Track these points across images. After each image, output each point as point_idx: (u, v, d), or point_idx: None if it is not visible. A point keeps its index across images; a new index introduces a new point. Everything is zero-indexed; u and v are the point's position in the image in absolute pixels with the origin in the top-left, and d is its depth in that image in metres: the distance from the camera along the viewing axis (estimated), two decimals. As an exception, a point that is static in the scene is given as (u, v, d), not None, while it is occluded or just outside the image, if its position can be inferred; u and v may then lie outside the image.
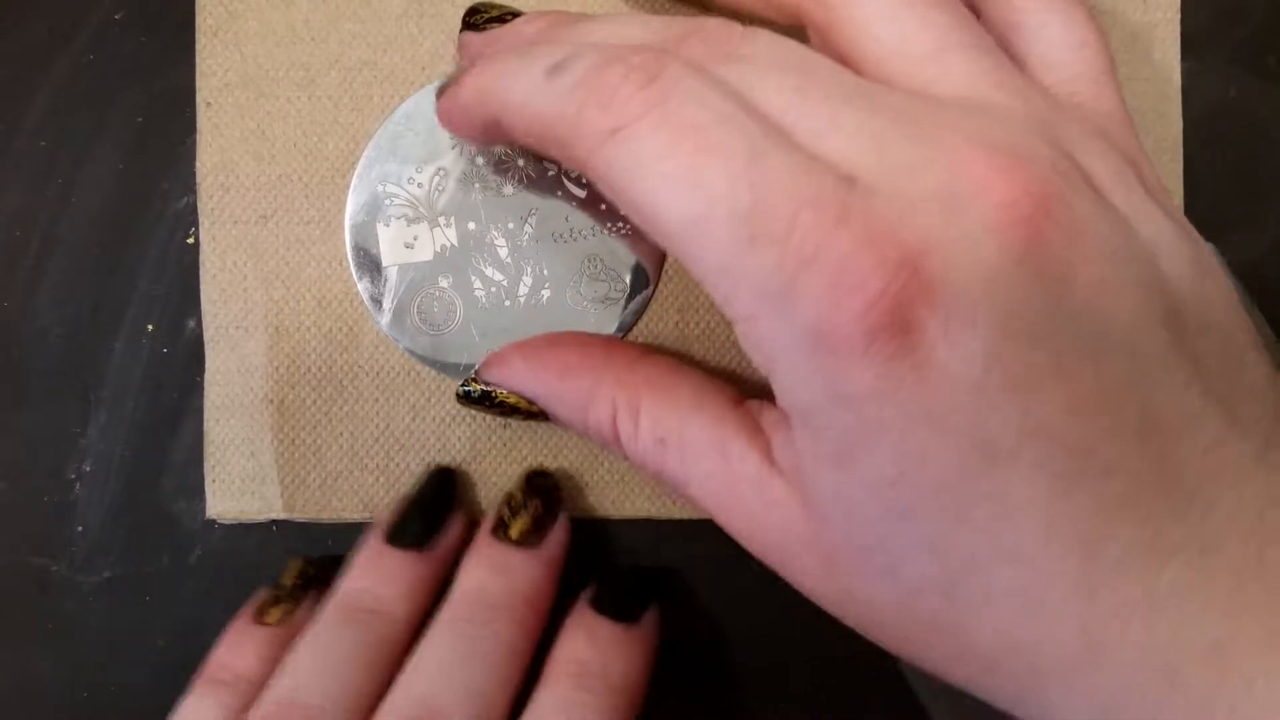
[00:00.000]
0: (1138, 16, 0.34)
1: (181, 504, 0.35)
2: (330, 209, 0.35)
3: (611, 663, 0.30)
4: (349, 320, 0.35)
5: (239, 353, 0.35)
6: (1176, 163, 0.34)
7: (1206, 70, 0.34)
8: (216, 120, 0.35)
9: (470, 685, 0.29)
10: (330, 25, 0.35)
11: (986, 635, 0.24)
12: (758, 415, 0.27)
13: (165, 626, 0.36)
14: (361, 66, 0.35)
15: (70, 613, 0.36)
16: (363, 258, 0.35)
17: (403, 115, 0.35)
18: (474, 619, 0.30)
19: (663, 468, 0.28)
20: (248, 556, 0.35)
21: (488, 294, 0.35)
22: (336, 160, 0.35)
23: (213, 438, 0.35)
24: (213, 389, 0.35)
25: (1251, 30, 0.34)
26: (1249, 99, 0.34)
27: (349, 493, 0.35)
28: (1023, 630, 0.23)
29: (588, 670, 0.30)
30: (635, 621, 0.32)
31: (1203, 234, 0.33)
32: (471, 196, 0.35)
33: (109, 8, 0.36)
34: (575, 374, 0.30)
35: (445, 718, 0.28)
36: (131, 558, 0.36)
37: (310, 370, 0.35)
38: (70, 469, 0.36)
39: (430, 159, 0.35)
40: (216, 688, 0.31)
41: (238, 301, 0.35)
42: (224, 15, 0.35)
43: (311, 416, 0.35)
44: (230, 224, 0.35)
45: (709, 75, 0.25)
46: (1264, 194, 0.34)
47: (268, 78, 0.35)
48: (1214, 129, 0.34)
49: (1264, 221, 0.34)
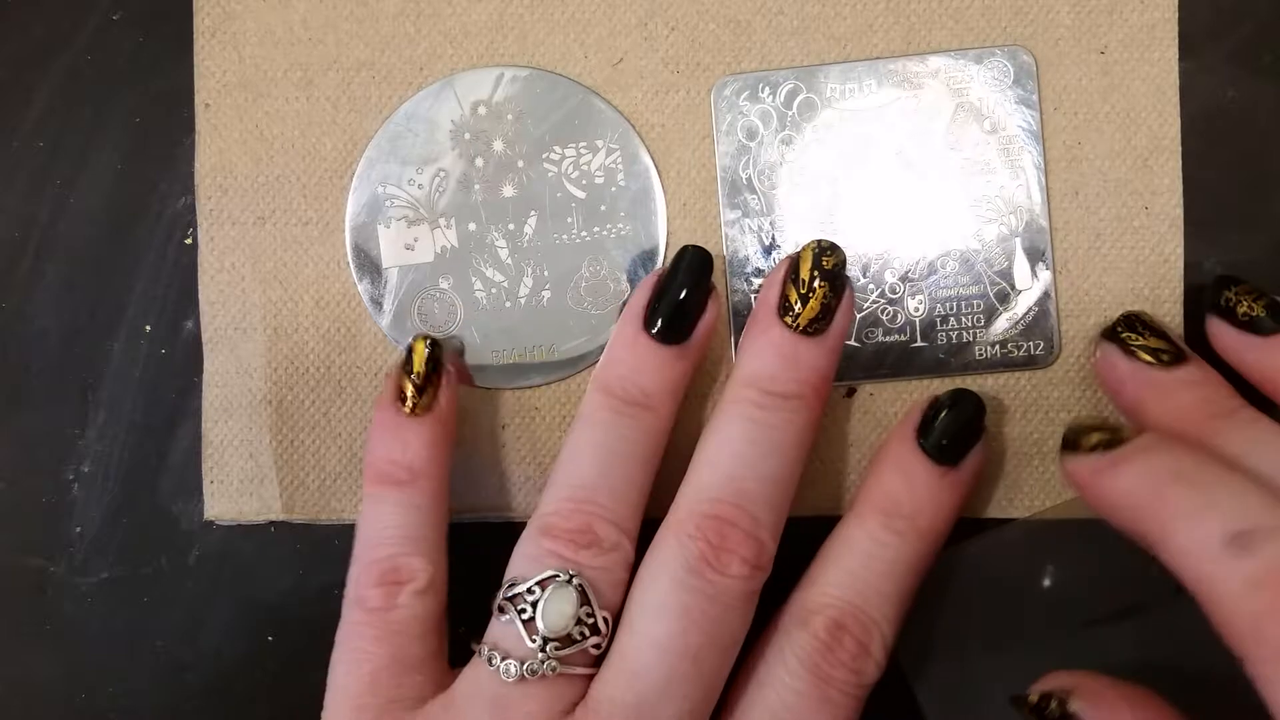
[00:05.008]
0: (1136, 16, 0.34)
1: (180, 505, 0.35)
2: (328, 210, 0.35)
3: (923, 508, 0.30)
4: (347, 321, 0.35)
5: (237, 354, 0.35)
6: (1175, 162, 0.34)
7: (1204, 70, 0.34)
8: (215, 121, 0.35)
9: (767, 473, 0.30)
10: (328, 26, 0.35)
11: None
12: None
13: (163, 627, 0.35)
14: (359, 67, 0.35)
15: (69, 614, 0.36)
16: (363, 259, 0.35)
17: (403, 116, 0.35)
18: (767, 406, 0.30)
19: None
20: (246, 558, 0.35)
21: (488, 295, 0.35)
22: (334, 161, 0.35)
23: (211, 439, 0.35)
24: (211, 390, 0.35)
25: (1249, 30, 0.34)
26: (1247, 98, 0.34)
27: (348, 494, 0.35)
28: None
29: (899, 511, 0.30)
30: (954, 466, 0.31)
31: (1201, 233, 0.34)
32: (472, 198, 0.35)
33: (108, 8, 0.36)
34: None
35: (753, 500, 0.29)
36: (130, 559, 0.36)
37: (309, 371, 0.35)
38: (68, 470, 0.36)
39: (430, 160, 0.35)
40: (399, 489, 0.31)
41: (236, 302, 0.35)
42: (222, 16, 0.35)
43: (310, 417, 0.35)
44: (229, 225, 0.35)
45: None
46: (1262, 193, 0.34)
47: (266, 79, 0.35)
48: (1212, 128, 0.34)
49: (1263, 221, 0.34)
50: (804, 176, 0.34)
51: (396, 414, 0.32)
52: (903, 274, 0.34)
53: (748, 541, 0.29)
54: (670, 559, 0.29)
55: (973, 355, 0.34)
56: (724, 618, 0.29)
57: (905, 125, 0.34)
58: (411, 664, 0.30)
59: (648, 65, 0.34)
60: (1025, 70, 0.34)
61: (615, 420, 0.31)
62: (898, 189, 0.34)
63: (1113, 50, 0.34)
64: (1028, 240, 0.34)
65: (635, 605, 0.29)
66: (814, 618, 0.29)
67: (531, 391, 0.35)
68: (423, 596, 0.30)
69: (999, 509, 0.34)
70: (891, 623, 0.30)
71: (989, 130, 0.34)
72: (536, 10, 0.35)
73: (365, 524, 0.31)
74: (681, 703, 0.28)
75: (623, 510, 0.30)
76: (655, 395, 0.31)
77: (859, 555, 0.30)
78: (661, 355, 0.31)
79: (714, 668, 0.29)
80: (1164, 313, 0.34)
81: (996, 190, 0.34)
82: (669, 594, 0.29)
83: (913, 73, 0.34)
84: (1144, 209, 0.34)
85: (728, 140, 0.34)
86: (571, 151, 0.34)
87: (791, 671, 0.29)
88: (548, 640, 0.28)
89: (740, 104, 0.34)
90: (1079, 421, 0.30)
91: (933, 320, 0.34)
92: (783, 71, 0.34)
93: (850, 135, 0.34)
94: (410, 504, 0.31)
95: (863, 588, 0.30)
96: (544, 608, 0.28)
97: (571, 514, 0.30)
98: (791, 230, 0.34)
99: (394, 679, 0.29)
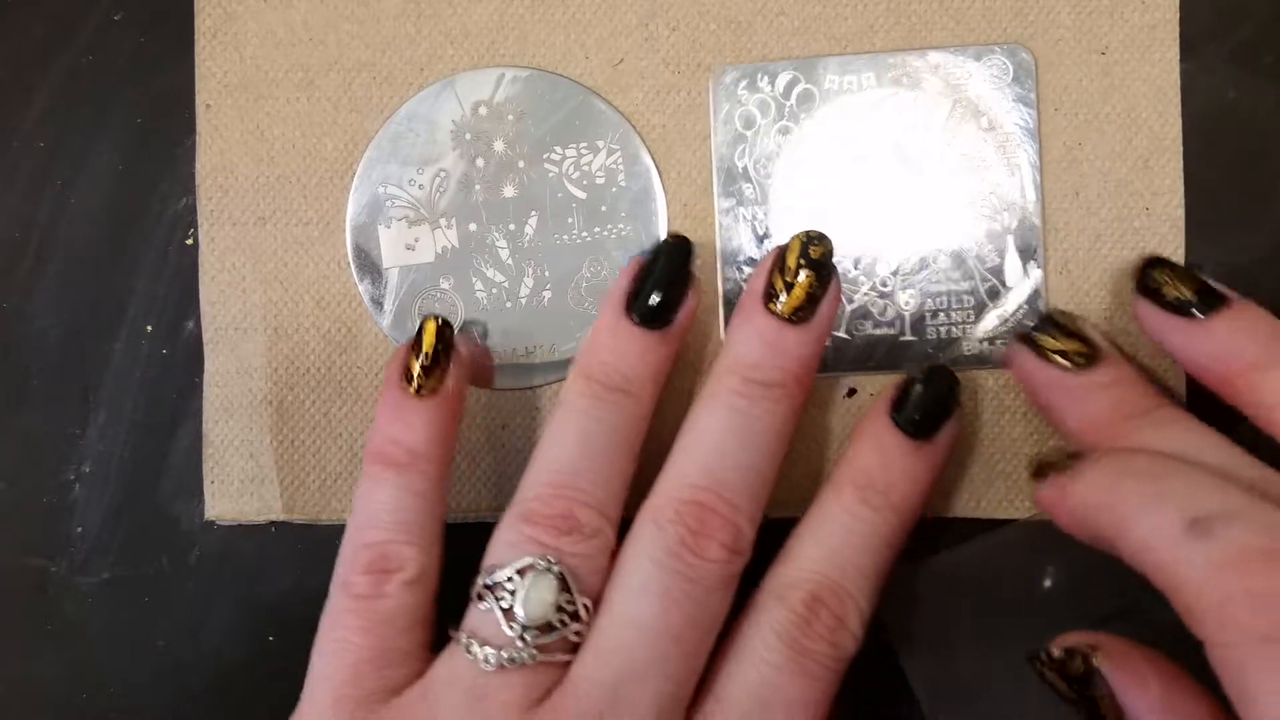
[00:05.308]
0: (1137, 17, 0.34)
1: (180, 505, 0.35)
2: (329, 210, 0.35)
3: (896, 481, 0.30)
4: (348, 321, 0.35)
5: (238, 354, 0.35)
6: (1176, 163, 0.34)
7: (1205, 71, 0.34)
8: (215, 121, 0.35)
9: (745, 462, 0.30)
10: (328, 27, 0.35)
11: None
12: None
13: (164, 627, 0.36)
14: (360, 68, 0.35)
15: (70, 613, 0.36)
16: (364, 259, 0.35)
17: (404, 116, 0.35)
18: (748, 395, 0.30)
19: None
20: (246, 558, 0.35)
21: (489, 295, 0.35)
22: (335, 161, 0.35)
23: (211, 439, 0.35)
24: (211, 390, 0.35)
25: (1250, 30, 0.34)
26: (1248, 99, 0.34)
27: (349, 494, 0.35)
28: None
29: (872, 484, 0.30)
30: (928, 439, 0.31)
31: (1203, 234, 0.34)
32: (472, 198, 0.35)
33: (108, 8, 0.36)
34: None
35: (731, 489, 0.29)
36: (130, 559, 0.36)
37: (309, 371, 0.35)
38: (69, 470, 0.36)
39: (431, 160, 0.35)
40: (398, 472, 0.31)
41: (236, 303, 0.35)
42: (222, 17, 0.35)
43: (310, 418, 0.35)
44: (229, 225, 0.35)
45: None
46: (1263, 194, 0.34)
47: (266, 79, 0.35)
48: (1213, 129, 0.34)
49: (1264, 221, 0.34)
50: (800, 167, 0.34)
51: (402, 394, 0.31)
52: (894, 267, 0.34)
53: (726, 526, 0.29)
54: (649, 543, 0.29)
55: (961, 351, 0.34)
56: (704, 599, 0.29)
57: (903, 119, 0.34)
58: (395, 657, 0.29)
59: (648, 66, 0.34)
60: (1024, 68, 0.34)
61: (596, 406, 0.30)
62: (893, 183, 0.34)
63: (1113, 51, 0.34)
64: (1020, 238, 0.34)
65: (615, 589, 0.29)
66: (791, 592, 0.29)
67: (532, 392, 0.35)
68: (412, 587, 0.30)
69: (999, 509, 0.34)
70: (868, 596, 0.30)
71: (986, 127, 0.34)
72: (537, 11, 0.35)
73: (360, 504, 0.31)
74: (662, 682, 0.28)
75: (604, 496, 0.30)
76: (637, 381, 0.31)
77: (835, 530, 0.30)
78: (643, 341, 0.31)
79: (695, 648, 0.29)
80: (1164, 313, 0.34)
81: (991, 187, 0.34)
82: (649, 576, 0.29)
83: (912, 67, 0.34)
84: (1145, 210, 0.34)
85: (725, 129, 0.34)
86: (572, 152, 0.34)
87: (769, 646, 0.29)
88: (527, 629, 0.28)
89: (739, 93, 0.34)
90: (1043, 452, 0.31)
91: (923, 315, 0.34)
92: (782, 62, 0.34)
93: (847, 127, 0.34)
94: (408, 488, 0.31)
95: (839, 561, 0.30)
96: (524, 596, 0.28)
97: (552, 500, 0.29)
98: (785, 221, 0.34)
99: (377, 671, 0.29)
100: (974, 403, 0.34)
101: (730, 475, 0.29)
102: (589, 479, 0.30)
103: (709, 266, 0.34)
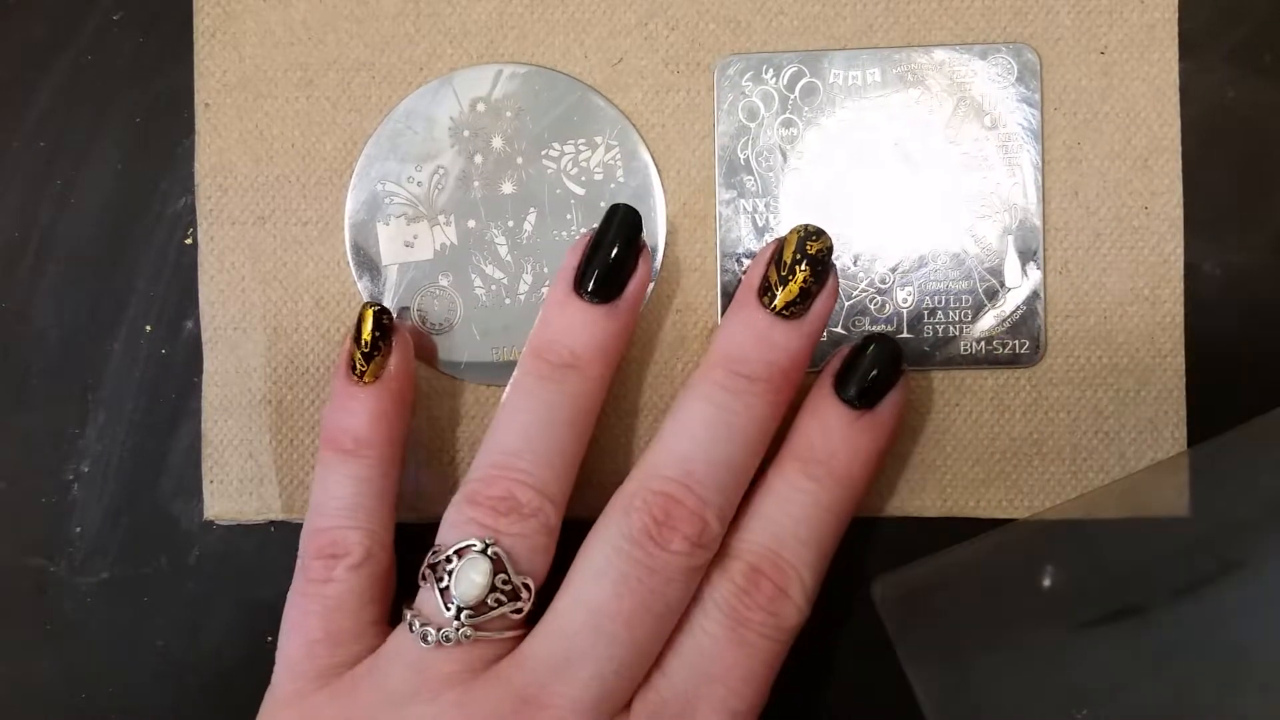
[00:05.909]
0: (1136, 17, 0.34)
1: (180, 505, 0.35)
2: (328, 209, 0.35)
3: (838, 451, 0.30)
4: (347, 320, 0.35)
5: (237, 353, 0.35)
6: (1175, 163, 0.34)
7: (1204, 70, 0.34)
8: (215, 121, 0.35)
9: (719, 457, 0.30)
10: (327, 26, 0.35)
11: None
12: None
13: (164, 627, 0.35)
14: (359, 67, 0.35)
15: (69, 613, 0.36)
16: (362, 257, 0.35)
17: (402, 113, 0.35)
18: (730, 389, 0.30)
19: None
20: (246, 557, 0.35)
21: (488, 292, 0.35)
22: (334, 161, 0.35)
23: (211, 439, 0.35)
24: (211, 390, 0.35)
25: (1249, 30, 0.34)
26: (1247, 99, 0.34)
27: (348, 493, 0.35)
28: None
29: (814, 457, 0.30)
30: (870, 408, 0.31)
31: (1202, 234, 0.34)
32: (471, 195, 0.35)
33: (108, 8, 0.36)
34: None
35: (701, 483, 0.29)
36: (130, 559, 0.36)
37: (309, 371, 0.35)
38: (68, 470, 0.36)
39: (429, 157, 0.35)
40: (344, 459, 0.32)
41: (236, 302, 0.35)
42: (222, 16, 0.35)
43: (310, 417, 0.35)
44: (228, 225, 0.35)
45: None
46: (1262, 193, 0.34)
47: (266, 79, 0.35)
48: (1212, 129, 0.34)
49: (1263, 221, 0.34)
50: (801, 160, 0.34)
51: (347, 382, 0.32)
52: (893, 265, 0.34)
53: (692, 519, 0.29)
54: (613, 530, 0.29)
55: (957, 350, 0.34)
56: (661, 589, 0.29)
57: (906, 116, 0.34)
58: (345, 637, 0.31)
59: (648, 65, 0.34)
60: (1029, 68, 0.34)
61: (540, 385, 0.31)
62: (894, 179, 0.34)
63: (1113, 50, 0.34)
64: (1020, 239, 0.34)
65: (577, 570, 0.30)
66: (732, 564, 0.30)
67: (531, 391, 0.35)
68: (358, 571, 0.31)
69: (999, 509, 0.34)
70: (810, 567, 0.30)
71: (989, 126, 0.34)
72: (536, 10, 0.35)
73: (316, 488, 0.32)
74: (605, 663, 0.29)
75: (546, 475, 0.30)
76: (584, 356, 0.31)
77: (776, 502, 0.30)
78: (590, 314, 0.31)
79: (648, 634, 0.29)
80: (1164, 313, 0.34)
81: (992, 187, 0.34)
82: (608, 562, 0.29)
83: (917, 64, 0.34)
84: (1144, 209, 0.34)
85: (728, 120, 0.34)
86: (570, 148, 0.34)
87: (710, 617, 0.30)
88: (462, 609, 0.29)
89: (743, 84, 0.34)
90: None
91: (920, 313, 0.34)
92: (787, 54, 0.34)
93: (850, 122, 0.34)
94: (354, 475, 0.31)
95: (778, 531, 0.30)
96: (456, 578, 0.29)
97: (494, 480, 0.30)
98: (786, 213, 0.34)
99: (329, 651, 0.30)
100: (974, 403, 0.34)
101: (703, 468, 0.29)
102: (529, 459, 0.30)
103: (708, 259, 0.34)
